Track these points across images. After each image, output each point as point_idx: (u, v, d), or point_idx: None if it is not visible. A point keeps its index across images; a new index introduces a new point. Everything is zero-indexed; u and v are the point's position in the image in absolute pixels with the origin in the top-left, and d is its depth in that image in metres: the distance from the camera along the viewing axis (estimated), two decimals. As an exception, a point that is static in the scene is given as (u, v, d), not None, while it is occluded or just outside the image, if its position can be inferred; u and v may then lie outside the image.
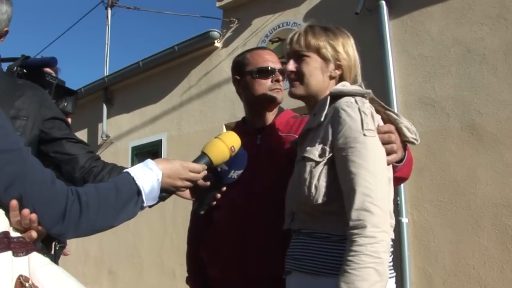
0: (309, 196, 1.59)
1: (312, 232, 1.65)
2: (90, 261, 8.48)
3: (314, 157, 1.62)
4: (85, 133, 9.13)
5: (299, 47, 1.78)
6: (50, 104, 1.92)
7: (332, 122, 1.62)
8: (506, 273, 4.13)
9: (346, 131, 1.57)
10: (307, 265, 1.62)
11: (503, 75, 4.38)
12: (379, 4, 5.18)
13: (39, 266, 1.22)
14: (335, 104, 1.66)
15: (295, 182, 1.69)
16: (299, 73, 1.79)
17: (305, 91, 1.79)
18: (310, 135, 1.73)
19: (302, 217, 1.69)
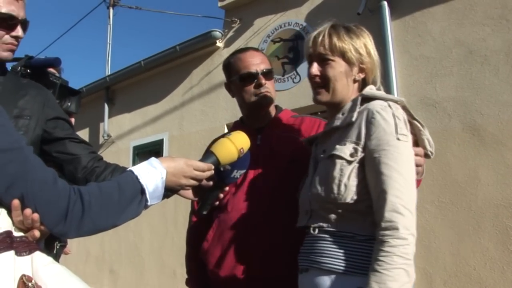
0: (338, 194, 1.61)
1: (336, 231, 1.65)
2: (91, 260, 8.49)
3: (346, 156, 1.63)
4: (87, 132, 9.14)
5: (324, 50, 1.75)
6: (54, 104, 1.93)
7: (365, 124, 1.64)
8: (507, 274, 4.13)
9: (380, 133, 1.59)
10: (330, 263, 1.62)
11: (504, 76, 4.38)
12: (381, 4, 5.18)
13: (42, 266, 1.22)
14: (367, 105, 1.67)
15: (320, 179, 1.68)
16: (324, 78, 1.77)
17: (330, 98, 1.78)
18: (337, 134, 1.73)
19: (324, 215, 1.68)
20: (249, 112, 2.20)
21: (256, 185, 2.05)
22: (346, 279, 1.57)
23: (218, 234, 2.08)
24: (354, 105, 1.72)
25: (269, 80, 2.14)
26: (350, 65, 1.76)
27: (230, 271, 1.99)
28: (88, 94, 8.63)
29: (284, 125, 2.18)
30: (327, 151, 1.72)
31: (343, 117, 1.73)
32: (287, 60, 6.23)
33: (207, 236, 2.12)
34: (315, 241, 1.70)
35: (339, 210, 1.64)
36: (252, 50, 2.24)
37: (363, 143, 1.62)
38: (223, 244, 2.04)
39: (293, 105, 5.64)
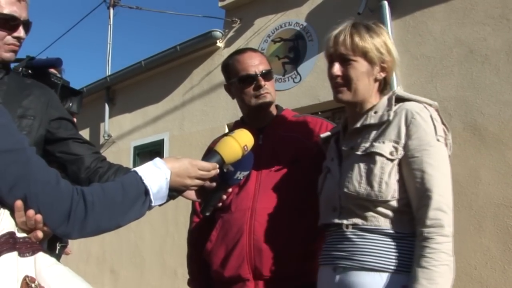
0: (380, 192, 1.62)
1: (373, 228, 1.66)
2: (92, 260, 8.49)
3: (386, 154, 1.65)
4: (87, 132, 9.13)
5: (345, 50, 1.75)
6: (58, 104, 1.94)
7: (405, 124, 1.66)
8: (508, 274, 4.13)
9: (421, 134, 1.63)
10: (373, 261, 1.62)
11: (505, 76, 4.38)
12: (381, 4, 5.18)
13: (45, 267, 1.21)
14: (403, 106, 1.70)
15: (357, 176, 1.67)
16: (346, 78, 1.76)
17: (352, 97, 1.78)
18: (369, 131, 1.74)
19: (359, 212, 1.68)
20: (249, 113, 2.20)
21: (259, 185, 2.05)
22: (391, 277, 1.59)
23: (222, 235, 2.07)
24: (389, 104, 1.74)
25: (268, 80, 2.14)
26: (371, 65, 1.76)
27: (235, 271, 1.98)
28: (88, 94, 8.62)
29: (286, 125, 2.18)
30: (360, 148, 1.72)
31: (377, 116, 1.74)
32: (288, 60, 6.22)
33: (211, 237, 2.10)
34: (348, 239, 1.69)
35: (376, 207, 1.65)
36: (250, 51, 2.23)
37: (404, 142, 1.65)
38: (227, 245, 2.03)
39: (293, 105, 5.64)
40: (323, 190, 1.85)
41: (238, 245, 1.99)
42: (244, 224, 2.00)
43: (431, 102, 1.74)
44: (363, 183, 1.65)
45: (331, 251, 1.75)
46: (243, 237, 1.99)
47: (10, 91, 1.79)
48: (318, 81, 5.78)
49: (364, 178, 1.65)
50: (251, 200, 2.03)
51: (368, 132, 1.74)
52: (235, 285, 2.00)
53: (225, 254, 2.03)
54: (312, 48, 5.97)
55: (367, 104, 1.81)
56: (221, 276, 2.03)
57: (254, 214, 2.00)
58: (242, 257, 1.98)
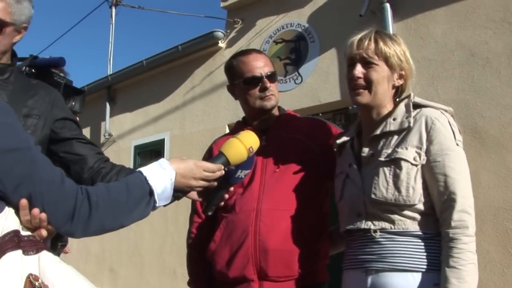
0: (407, 196, 1.69)
1: (402, 231, 1.71)
2: (91, 259, 8.50)
3: (410, 160, 1.71)
4: (88, 131, 9.14)
5: (369, 54, 1.80)
6: (62, 105, 1.95)
7: (426, 130, 1.72)
8: (507, 277, 4.13)
9: (441, 139, 1.69)
10: (405, 262, 1.68)
11: (506, 79, 4.38)
12: (383, 6, 5.19)
13: (49, 265, 1.22)
14: (422, 112, 1.76)
15: (382, 183, 1.72)
16: (367, 80, 1.80)
17: (371, 100, 1.82)
18: (390, 137, 1.78)
19: (386, 217, 1.73)
20: (253, 114, 2.21)
21: (264, 186, 2.05)
22: (422, 276, 1.66)
23: (226, 235, 2.07)
24: (408, 111, 1.79)
25: (273, 82, 2.15)
26: (391, 71, 1.82)
27: (240, 272, 1.98)
28: (89, 93, 8.61)
29: (289, 127, 2.18)
30: (382, 154, 1.76)
31: (397, 122, 1.78)
32: (289, 61, 6.23)
33: (214, 237, 2.11)
34: (377, 242, 1.74)
35: (403, 211, 1.71)
36: (255, 52, 2.23)
37: (425, 148, 1.70)
38: (232, 245, 2.03)
39: (294, 106, 5.65)
40: (344, 196, 1.88)
41: (243, 246, 1.99)
42: (249, 225, 2.00)
43: (447, 108, 1.80)
44: (390, 188, 1.70)
45: (359, 255, 1.79)
46: (248, 238, 1.99)
47: (15, 90, 1.80)
48: (320, 83, 5.79)
49: (391, 184, 1.71)
50: (256, 201, 2.03)
51: (388, 138, 1.79)
52: (240, 285, 2.00)
53: (229, 255, 2.03)
54: (313, 49, 5.98)
55: (383, 109, 1.85)
56: (225, 277, 2.03)
57: (259, 215, 2.00)
58: (247, 258, 1.98)
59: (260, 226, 1.99)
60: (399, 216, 1.71)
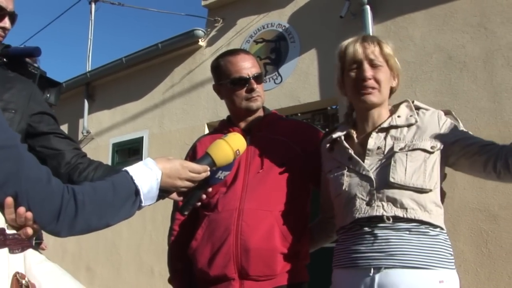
0: (424, 181, 1.76)
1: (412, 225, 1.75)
2: (67, 257, 8.40)
3: (428, 148, 1.80)
4: (66, 128, 9.03)
5: (375, 56, 1.90)
6: (40, 98, 1.91)
7: (438, 123, 1.86)
8: (480, 276, 4.21)
9: (451, 126, 1.85)
10: (411, 260, 1.71)
11: (482, 83, 4.46)
12: (363, 8, 5.24)
13: (35, 263, 1.21)
14: (427, 111, 1.92)
15: (398, 168, 1.78)
16: (377, 81, 1.89)
17: (379, 99, 1.91)
18: (399, 132, 1.88)
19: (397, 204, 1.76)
20: (238, 115, 2.21)
21: (247, 186, 2.06)
22: (429, 274, 1.69)
23: (208, 234, 2.06)
24: (411, 110, 1.92)
25: (259, 83, 2.16)
26: (391, 72, 1.94)
27: (221, 270, 1.98)
28: (68, 90, 8.53)
29: (273, 128, 2.19)
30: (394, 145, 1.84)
31: (402, 119, 1.90)
32: (269, 61, 6.25)
33: (196, 235, 2.10)
34: (385, 238, 1.75)
35: (416, 199, 1.76)
36: (243, 53, 2.23)
37: (441, 136, 1.82)
38: (214, 244, 2.03)
39: (274, 106, 5.66)
40: (347, 189, 1.88)
41: (225, 245, 1.99)
42: (231, 224, 2.00)
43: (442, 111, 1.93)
44: (409, 173, 1.76)
45: (364, 252, 1.78)
46: (230, 237, 1.99)
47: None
48: (299, 83, 5.82)
49: (410, 169, 1.77)
50: (238, 200, 2.04)
51: (397, 132, 1.88)
52: (220, 284, 2.00)
53: (211, 253, 2.03)
54: (294, 49, 6.01)
55: (383, 109, 1.95)
56: (206, 275, 2.03)
57: (241, 215, 2.00)
58: (228, 256, 1.98)
59: (242, 225, 1.99)
60: (412, 203, 1.75)
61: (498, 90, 4.38)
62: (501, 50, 4.43)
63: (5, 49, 2.00)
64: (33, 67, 2.13)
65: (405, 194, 1.75)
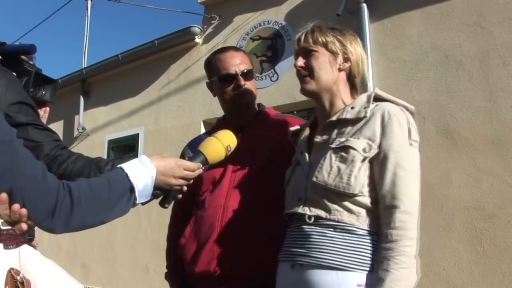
0: (348, 184, 1.62)
1: (335, 224, 1.65)
2: (62, 253, 8.38)
3: (359, 149, 1.65)
4: (61, 125, 9.02)
5: (307, 44, 1.82)
6: (18, 88, 1.85)
7: (381, 123, 1.67)
8: (474, 274, 4.22)
9: (395, 136, 1.64)
10: (330, 259, 1.61)
11: (478, 82, 4.47)
12: (360, 6, 5.24)
13: (30, 259, 1.21)
14: (381, 105, 1.72)
15: (326, 168, 1.67)
16: (309, 68, 1.82)
17: (316, 86, 1.82)
18: (345, 126, 1.75)
19: (324, 204, 1.67)
20: (230, 112, 2.22)
21: (233, 183, 2.06)
22: (347, 275, 1.58)
23: (195, 230, 2.08)
24: (368, 102, 1.75)
25: (249, 80, 2.16)
26: (334, 55, 1.81)
27: (205, 267, 2.00)
28: (63, 86, 8.52)
29: (265, 124, 2.19)
30: (334, 141, 1.73)
31: (354, 111, 1.75)
32: (266, 58, 6.24)
33: (185, 232, 2.12)
34: (308, 235, 1.69)
35: (343, 201, 1.65)
36: (232, 50, 2.24)
37: (378, 142, 1.65)
38: (199, 240, 2.04)
39: (270, 103, 5.65)
40: (291, 181, 1.86)
41: (209, 241, 2.00)
42: (216, 221, 2.01)
43: (409, 106, 1.76)
44: (333, 174, 1.65)
45: (291, 247, 1.75)
46: (214, 234, 2.00)
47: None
48: (295, 80, 5.76)
49: (335, 169, 1.65)
50: (224, 197, 2.04)
51: (343, 126, 1.75)
52: (205, 280, 2.01)
53: (196, 250, 2.04)
54: (290, 47, 6.00)
55: (336, 99, 1.83)
56: (193, 271, 2.05)
57: (226, 212, 2.01)
58: (212, 253, 1.99)
59: (226, 222, 2.00)
60: (337, 205, 1.65)
61: (494, 89, 4.38)
62: (497, 49, 4.44)
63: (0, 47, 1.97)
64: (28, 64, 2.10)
65: (328, 195, 1.66)
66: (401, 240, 1.53)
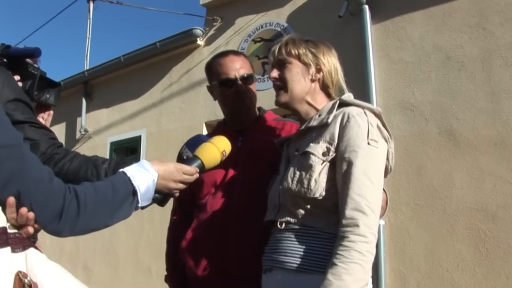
0: (308, 188, 1.67)
1: (300, 228, 1.70)
2: (64, 256, 8.39)
3: (318, 154, 1.70)
4: (63, 127, 9.03)
5: (281, 55, 1.87)
6: (15, 85, 1.84)
7: (340, 126, 1.71)
8: (478, 276, 4.21)
9: (352, 136, 1.66)
10: (292, 262, 1.66)
11: (480, 83, 4.46)
12: (362, 8, 5.23)
13: (37, 262, 1.21)
14: (344, 109, 1.75)
15: (291, 174, 1.73)
16: (282, 80, 1.86)
17: (289, 98, 1.86)
18: (311, 133, 1.80)
19: (292, 210, 1.72)
20: (230, 116, 2.23)
21: (234, 186, 2.07)
22: (307, 277, 1.61)
23: (196, 233, 2.09)
24: (332, 108, 1.79)
25: (249, 84, 2.17)
26: (306, 66, 1.86)
27: (207, 270, 2.01)
28: (66, 88, 8.52)
29: (266, 128, 2.20)
30: (301, 149, 1.78)
31: (320, 118, 1.79)
32: (267, 60, 6.23)
33: (186, 235, 2.13)
34: (278, 240, 1.75)
35: (307, 205, 1.69)
36: (232, 54, 2.24)
37: (336, 144, 1.69)
38: (201, 243, 2.06)
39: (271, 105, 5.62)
40: (270, 191, 1.91)
41: (211, 244, 2.02)
42: (218, 224, 2.03)
43: (374, 108, 1.78)
44: (296, 180, 1.71)
45: (265, 252, 1.81)
46: (216, 237, 2.02)
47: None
48: (298, 82, 5.81)
49: (297, 175, 1.71)
50: (226, 200, 2.06)
51: (310, 134, 1.80)
52: (207, 282, 2.02)
53: (198, 253, 2.05)
54: (292, 49, 6.00)
55: (309, 108, 1.88)
56: (195, 275, 2.06)
57: (227, 215, 2.02)
58: (214, 256, 2.01)
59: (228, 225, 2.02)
60: (303, 210, 1.70)
61: (496, 90, 4.38)
62: (499, 50, 4.43)
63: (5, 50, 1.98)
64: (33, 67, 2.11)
65: (295, 201, 1.71)
66: (350, 236, 1.53)
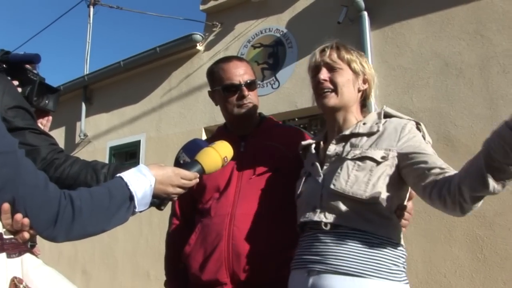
0: (364, 191, 1.67)
1: (351, 232, 1.69)
2: (63, 260, 8.38)
3: (377, 158, 1.72)
4: (63, 131, 9.04)
5: (332, 60, 1.87)
6: (15, 92, 1.85)
7: (395, 133, 1.76)
8: (475, 282, 4.22)
9: (412, 139, 1.74)
10: (347, 266, 1.64)
11: (478, 90, 4.48)
12: (361, 14, 5.26)
13: (32, 268, 1.21)
14: (390, 121, 1.82)
15: (343, 176, 1.73)
16: (333, 83, 1.86)
17: (339, 102, 1.87)
18: (358, 139, 1.82)
19: (342, 212, 1.71)
20: (232, 121, 2.23)
21: (239, 191, 2.07)
22: (362, 282, 1.62)
23: (201, 239, 2.08)
24: (379, 118, 1.85)
25: (252, 90, 2.17)
26: (355, 75, 1.89)
27: (213, 275, 1.99)
28: (65, 93, 8.54)
29: (267, 134, 2.20)
30: (350, 153, 1.78)
31: (367, 126, 1.83)
32: (267, 66, 6.27)
33: (190, 240, 2.12)
34: (323, 242, 1.73)
35: (360, 209, 1.69)
36: (235, 60, 2.24)
37: (395, 146, 1.73)
38: (206, 249, 2.04)
39: (271, 111, 5.68)
40: (303, 192, 1.89)
41: (216, 250, 2.00)
42: (223, 230, 2.01)
43: (413, 120, 1.85)
44: (350, 182, 1.70)
45: (305, 255, 1.78)
46: (221, 242, 2.00)
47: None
48: (296, 88, 5.83)
49: (352, 177, 1.71)
50: (231, 206, 2.05)
51: (357, 140, 1.82)
52: None
53: (203, 258, 2.04)
54: (291, 55, 6.03)
55: (350, 115, 1.90)
56: (199, 280, 2.04)
57: (233, 220, 2.02)
58: (220, 261, 1.99)
59: (234, 230, 2.00)
60: (353, 213, 1.70)
61: (494, 97, 4.40)
62: (497, 57, 4.46)
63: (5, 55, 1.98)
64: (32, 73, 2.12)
65: (345, 202, 1.71)
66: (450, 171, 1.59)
